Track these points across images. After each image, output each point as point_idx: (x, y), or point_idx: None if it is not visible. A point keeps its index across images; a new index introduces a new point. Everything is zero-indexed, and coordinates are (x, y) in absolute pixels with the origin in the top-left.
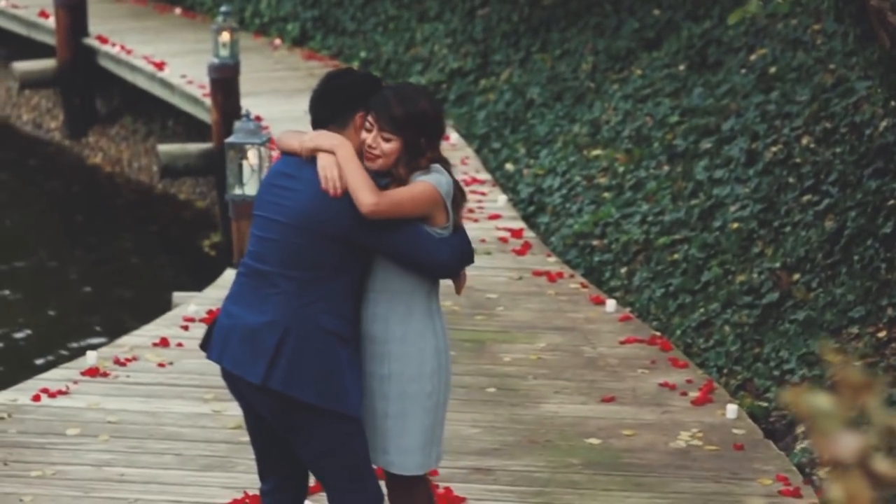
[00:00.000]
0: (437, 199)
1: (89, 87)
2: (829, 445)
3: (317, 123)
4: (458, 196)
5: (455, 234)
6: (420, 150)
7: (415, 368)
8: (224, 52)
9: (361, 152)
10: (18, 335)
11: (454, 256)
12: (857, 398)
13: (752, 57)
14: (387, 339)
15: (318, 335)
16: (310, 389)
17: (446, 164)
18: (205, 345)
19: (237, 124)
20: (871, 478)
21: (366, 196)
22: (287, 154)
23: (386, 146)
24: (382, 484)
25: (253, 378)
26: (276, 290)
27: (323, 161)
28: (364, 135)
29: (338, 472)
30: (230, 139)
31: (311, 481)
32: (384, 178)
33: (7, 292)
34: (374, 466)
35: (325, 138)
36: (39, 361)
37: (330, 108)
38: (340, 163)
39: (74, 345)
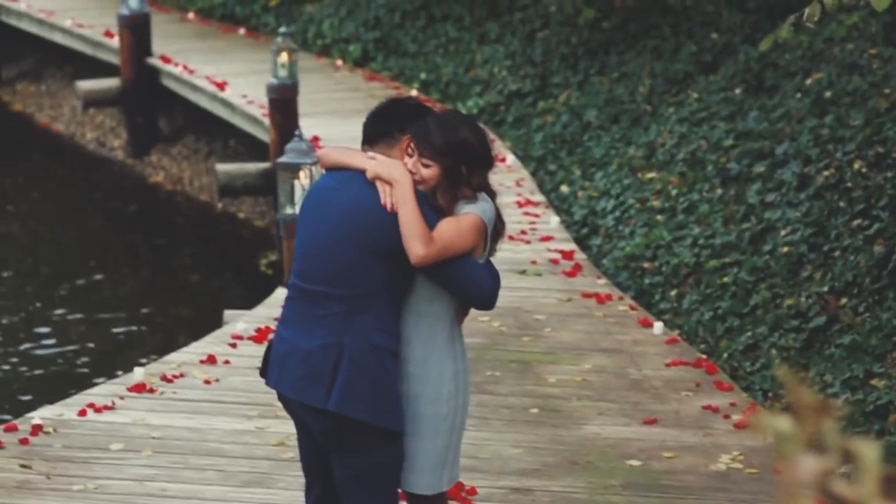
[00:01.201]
0: (482, 231)
1: (152, 106)
2: (791, 468)
3: (366, 140)
4: (499, 227)
5: (487, 263)
6: (460, 177)
7: (432, 391)
8: (283, 73)
9: None
10: (73, 350)
11: (495, 286)
12: (815, 422)
13: (808, 81)
14: (407, 360)
15: (370, 352)
16: (365, 408)
17: (492, 194)
18: (263, 371)
19: (289, 144)
20: (832, 500)
21: (416, 247)
22: (331, 169)
23: (425, 172)
24: None
25: (315, 402)
26: (326, 312)
27: (384, 188)
28: (406, 159)
29: (366, 501)
30: (282, 159)
31: None
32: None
33: (65, 308)
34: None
35: (388, 169)
36: (91, 377)
37: (380, 127)
38: (397, 200)
39: (127, 361)
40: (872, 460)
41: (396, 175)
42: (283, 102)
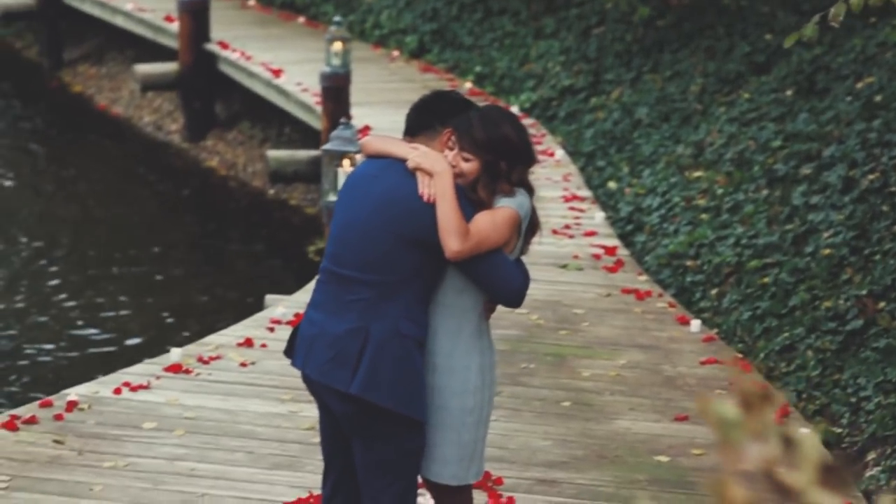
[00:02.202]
0: (517, 225)
1: (210, 91)
2: (735, 456)
3: (408, 131)
4: (534, 224)
5: (517, 261)
6: (499, 172)
7: (458, 385)
8: (336, 61)
9: None
10: (119, 330)
11: (524, 285)
12: (756, 411)
13: (860, 85)
14: (434, 352)
15: (396, 340)
16: (386, 394)
17: (530, 191)
18: (289, 351)
19: (334, 132)
20: (776, 489)
21: (452, 242)
22: (372, 157)
23: (465, 165)
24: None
25: (339, 386)
26: (356, 297)
27: (424, 178)
28: (446, 152)
29: (385, 486)
30: (326, 146)
31: None
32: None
33: (114, 288)
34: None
35: (430, 161)
36: (134, 356)
37: (423, 119)
38: (437, 193)
39: (170, 342)
40: (811, 448)
41: (438, 168)
42: (336, 91)
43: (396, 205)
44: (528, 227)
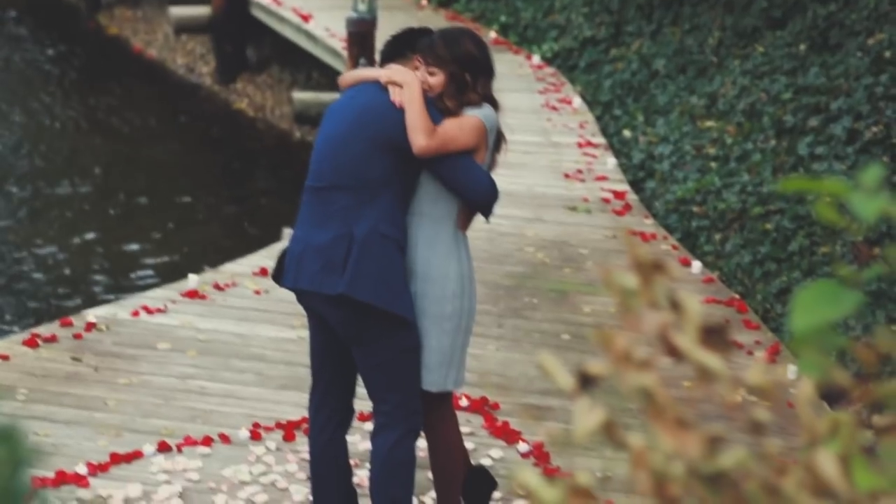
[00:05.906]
0: (483, 133)
1: (241, 35)
2: (634, 322)
3: (384, 61)
4: (500, 138)
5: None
6: (465, 84)
7: (437, 291)
8: (362, 7)
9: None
10: (142, 259)
11: (493, 188)
12: (650, 279)
13: (871, 41)
14: (413, 259)
15: (377, 240)
16: (370, 290)
17: (496, 105)
18: (277, 276)
19: None
20: (671, 351)
21: (418, 138)
22: (351, 87)
23: (432, 80)
24: None
25: (329, 290)
26: (336, 206)
27: (394, 89)
28: (416, 72)
29: (389, 386)
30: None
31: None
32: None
33: (141, 221)
34: None
35: (400, 74)
36: (153, 283)
37: (395, 49)
38: (406, 99)
39: (190, 271)
40: (695, 312)
41: (408, 79)
42: (361, 36)
43: (370, 114)
44: (496, 140)
